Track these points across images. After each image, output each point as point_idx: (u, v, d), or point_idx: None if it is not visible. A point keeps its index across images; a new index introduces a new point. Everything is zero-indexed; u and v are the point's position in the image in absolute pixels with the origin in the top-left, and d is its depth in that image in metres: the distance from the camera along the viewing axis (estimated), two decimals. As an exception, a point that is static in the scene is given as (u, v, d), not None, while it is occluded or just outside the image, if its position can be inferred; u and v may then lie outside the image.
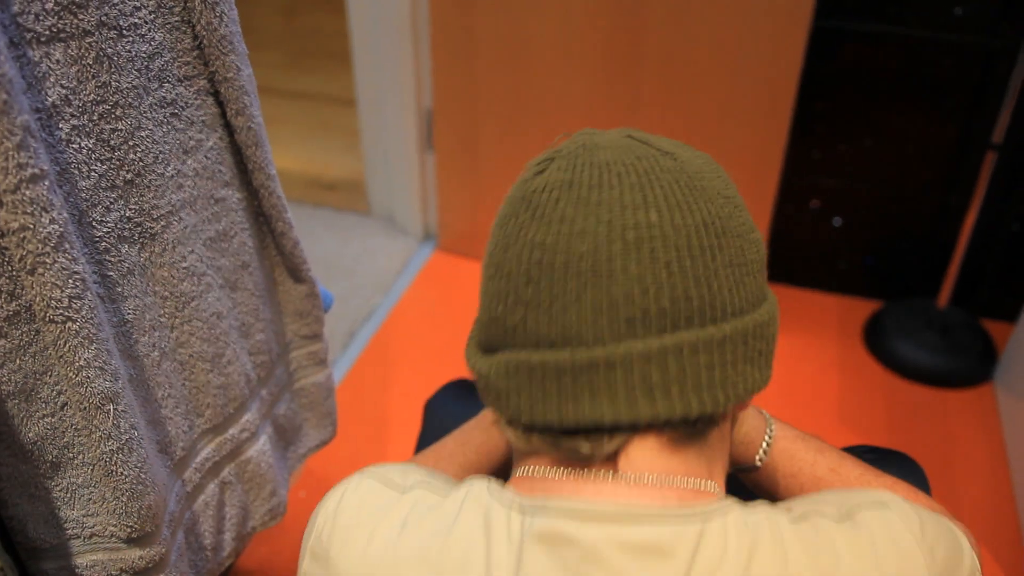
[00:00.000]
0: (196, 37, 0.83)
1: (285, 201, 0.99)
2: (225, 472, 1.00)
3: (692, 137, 1.55)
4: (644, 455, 0.56)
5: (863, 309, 2.03)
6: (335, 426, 1.24)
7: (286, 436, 1.14)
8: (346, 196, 2.46)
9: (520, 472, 0.61)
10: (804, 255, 2.05)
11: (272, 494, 1.08)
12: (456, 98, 1.97)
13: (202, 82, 0.86)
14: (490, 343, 0.60)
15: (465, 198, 2.13)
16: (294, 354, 1.13)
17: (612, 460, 0.57)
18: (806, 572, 0.53)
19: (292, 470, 1.18)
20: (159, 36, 0.80)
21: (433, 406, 1.03)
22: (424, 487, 0.63)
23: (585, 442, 0.56)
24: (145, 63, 0.78)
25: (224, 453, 0.99)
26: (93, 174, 0.75)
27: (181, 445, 0.91)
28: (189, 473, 0.94)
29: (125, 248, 0.80)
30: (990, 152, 1.66)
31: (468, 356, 0.64)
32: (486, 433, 0.85)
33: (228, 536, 1.03)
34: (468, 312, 2.03)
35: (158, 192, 0.82)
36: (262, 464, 1.05)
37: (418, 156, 2.15)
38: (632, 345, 0.53)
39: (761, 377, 0.58)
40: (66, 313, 0.69)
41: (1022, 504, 1.52)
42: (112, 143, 0.76)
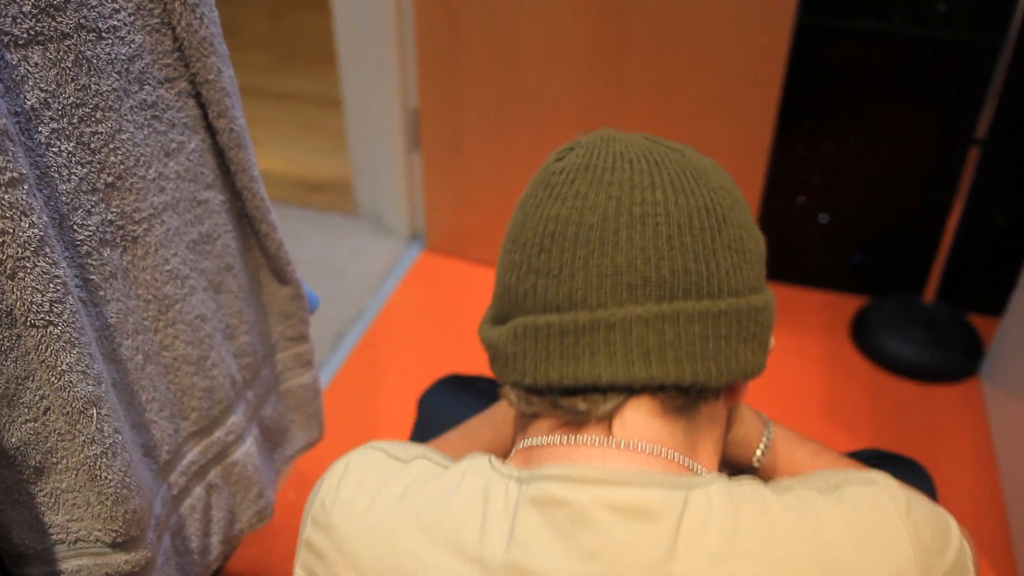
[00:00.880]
0: (176, 39, 0.83)
1: (269, 203, 0.99)
2: (211, 475, 1.00)
3: (679, 135, 1.55)
4: (637, 420, 0.59)
5: (850, 305, 2.04)
6: (322, 428, 1.24)
7: (273, 438, 1.14)
8: (333, 197, 2.45)
9: (518, 447, 0.64)
10: (791, 251, 2.05)
11: (259, 496, 1.08)
12: (442, 98, 1.97)
13: (183, 84, 0.85)
14: (502, 314, 0.64)
15: (452, 198, 2.13)
16: (280, 356, 1.13)
17: (606, 424, 0.60)
18: (791, 538, 0.54)
19: (279, 472, 1.18)
20: (139, 38, 0.79)
21: (427, 400, 1.04)
22: (426, 460, 0.65)
23: (582, 402, 0.59)
24: (125, 65, 0.78)
25: (210, 456, 0.99)
26: (74, 177, 0.74)
27: (166, 448, 0.91)
28: (175, 476, 0.94)
29: (107, 251, 0.79)
30: (973, 147, 1.67)
31: (481, 331, 0.67)
32: (494, 430, 0.87)
33: (215, 539, 1.02)
34: (456, 312, 2.03)
35: (140, 195, 0.82)
36: (248, 466, 1.04)
37: (404, 156, 2.15)
38: (632, 309, 0.57)
39: (754, 360, 0.61)
40: (47, 317, 0.69)
41: (1009, 497, 1.53)
42: (92, 146, 0.76)
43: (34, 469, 0.77)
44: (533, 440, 0.63)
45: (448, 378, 1.06)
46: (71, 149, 0.73)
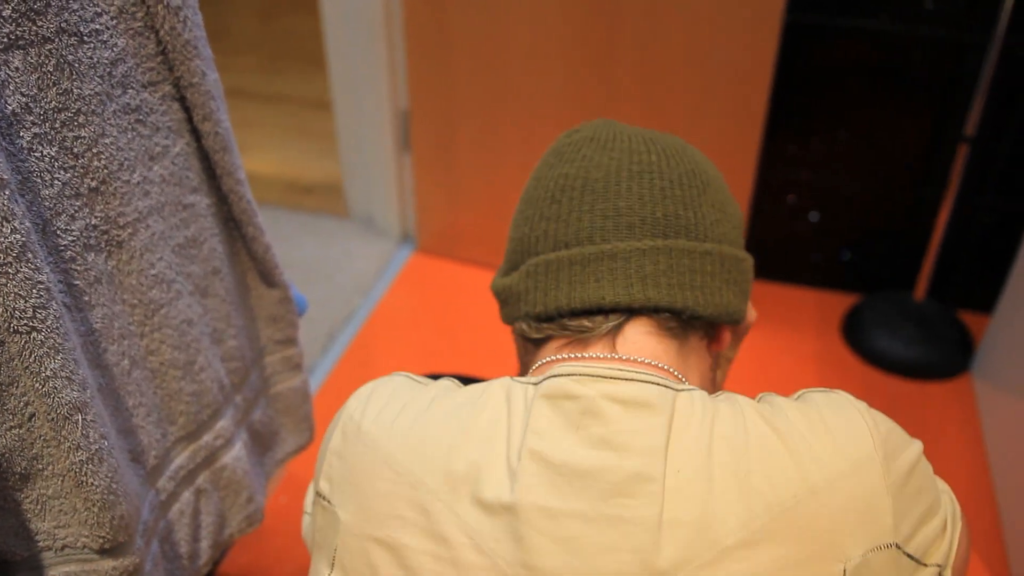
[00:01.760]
0: (160, 43, 0.82)
1: (255, 206, 0.98)
2: (200, 480, 1.00)
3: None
4: (637, 337, 0.68)
5: (841, 303, 2.04)
6: (312, 431, 1.23)
7: (262, 442, 1.14)
8: (323, 199, 2.45)
9: (531, 370, 0.72)
10: (782, 250, 2.06)
11: (249, 500, 1.07)
12: (432, 98, 1.97)
13: (167, 87, 0.85)
14: (514, 264, 0.74)
15: (443, 199, 2.12)
16: (268, 359, 1.12)
17: (610, 340, 0.68)
18: (760, 430, 0.60)
19: (269, 476, 1.17)
20: (121, 42, 0.79)
21: None
22: (450, 380, 0.71)
23: (588, 321, 0.68)
24: (107, 69, 0.77)
25: (199, 461, 0.99)
26: (56, 182, 0.74)
27: (154, 453, 0.91)
28: (163, 481, 0.94)
29: (91, 256, 0.79)
30: (962, 145, 1.68)
31: (493, 285, 0.77)
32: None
33: (204, 544, 1.02)
34: (448, 312, 2.02)
35: (124, 199, 0.81)
36: (238, 471, 1.04)
37: (395, 157, 2.15)
38: (631, 243, 0.68)
39: (736, 304, 0.71)
40: (31, 323, 0.68)
41: (1001, 493, 1.53)
42: (75, 151, 0.75)
43: (19, 476, 0.77)
44: (544, 359, 0.70)
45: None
46: (53, 154, 0.73)
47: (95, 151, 0.77)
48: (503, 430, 0.62)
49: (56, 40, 0.71)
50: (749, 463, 0.58)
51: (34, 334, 0.69)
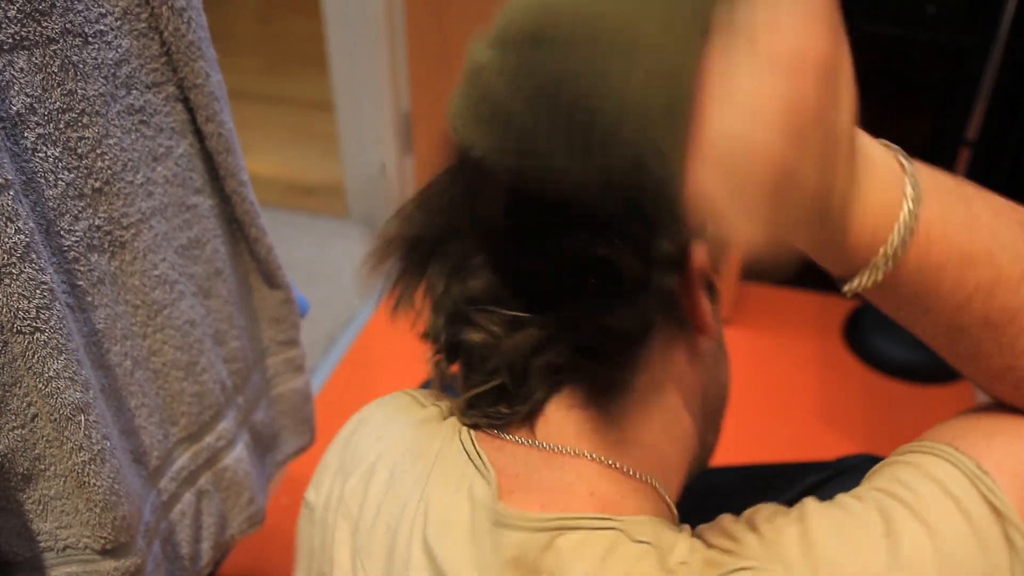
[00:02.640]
0: (164, 43, 0.82)
1: (258, 207, 0.98)
2: (202, 481, 1.00)
3: (669, 137, 1.55)
4: (558, 416, 0.54)
5: (842, 306, 2.04)
6: (313, 432, 1.23)
7: (264, 443, 1.14)
8: (325, 201, 2.45)
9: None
10: (783, 253, 2.05)
11: (250, 502, 1.07)
12: (434, 100, 1.97)
13: (171, 88, 0.85)
14: None
15: (444, 201, 2.12)
16: (270, 361, 1.12)
17: (530, 421, 0.56)
18: None
19: (270, 477, 1.17)
20: (126, 43, 0.79)
21: None
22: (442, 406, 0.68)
23: (505, 408, 0.57)
24: (112, 70, 0.78)
25: (200, 462, 0.99)
26: (60, 183, 0.74)
27: (156, 454, 0.91)
28: (165, 482, 0.94)
29: (95, 257, 0.79)
30: (964, 148, 1.68)
31: None
32: None
33: (206, 545, 1.02)
34: (449, 315, 2.02)
35: (127, 200, 0.81)
36: (239, 472, 1.04)
37: (397, 159, 2.15)
38: None
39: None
40: (34, 324, 0.68)
41: (1001, 498, 1.53)
42: (79, 151, 0.75)
43: (22, 476, 0.77)
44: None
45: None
46: (57, 154, 0.73)
47: (99, 152, 0.77)
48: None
49: (61, 41, 0.71)
50: None
51: (37, 335, 0.69)
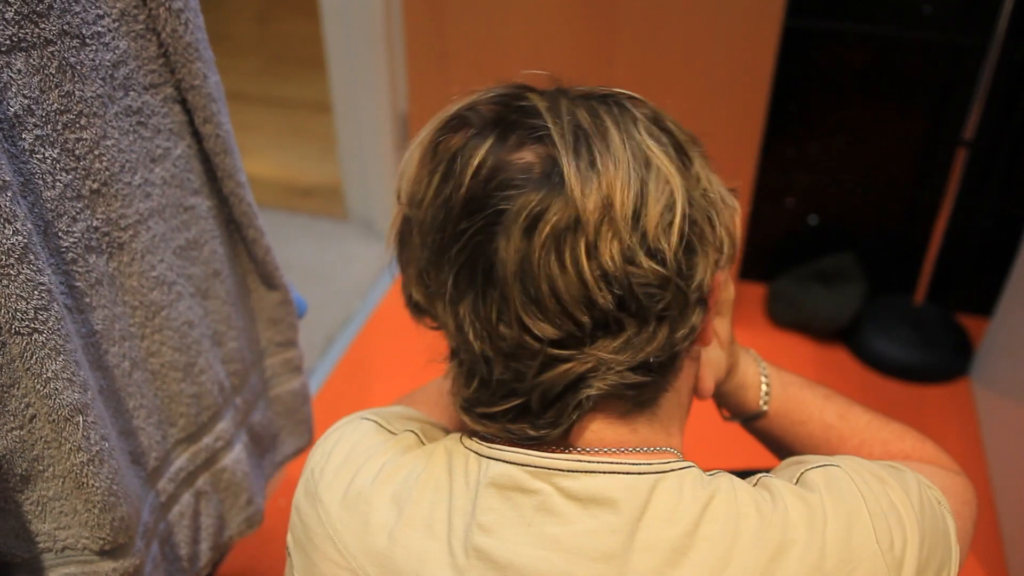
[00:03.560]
0: (161, 45, 0.82)
1: (256, 208, 0.98)
2: (200, 482, 1.00)
3: (666, 138, 1.55)
4: (596, 428, 0.59)
5: (840, 306, 2.04)
6: (311, 433, 1.23)
7: (262, 444, 1.14)
8: (322, 202, 2.45)
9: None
10: (781, 253, 2.06)
11: (248, 503, 1.07)
12: (431, 101, 1.96)
13: (168, 90, 0.85)
14: None
15: (442, 202, 2.12)
16: (269, 362, 1.12)
17: (566, 437, 0.59)
18: (753, 527, 0.54)
19: (269, 478, 1.17)
20: (123, 44, 0.79)
21: None
22: (412, 433, 0.66)
23: (531, 429, 0.58)
24: (109, 71, 0.78)
25: (199, 463, 0.99)
26: (58, 184, 0.74)
27: (154, 455, 0.91)
28: (163, 483, 0.94)
29: (93, 258, 0.79)
30: (961, 148, 1.68)
31: None
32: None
33: (204, 546, 1.02)
34: (447, 316, 2.02)
35: (125, 201, 0.81)
36: (238, 473, 1.04)
37: (394, 160, 2.15)
38: None
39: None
40: (32, 325, 0.68)
41: (1000, 497, 1.53)
42: (77, 153, 0.75)
43: (20, 477, 0.77)
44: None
45: None
46: (55, 156, 0.73)
47: (97, 153, 0.77)
48: (443, 512, 0.58)
49: (58, 42, 0.71)
50: (731, 570, 0.53)
51: (35, 336, 0.69)
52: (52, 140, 0.73)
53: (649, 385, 0.58)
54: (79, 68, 0.74)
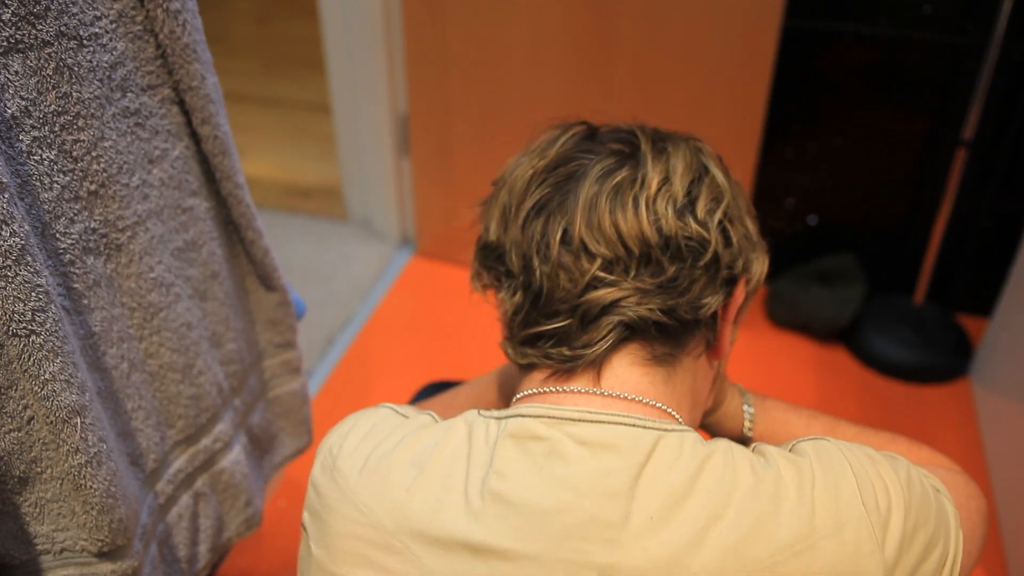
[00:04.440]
0: (159, 46, 0.82)
1: (254, 209, 0.98)
2: (199, 483, 1.00)
3: (665, 138, 1.55)
4: (622, 370, 0.66)
5: (840, 306, 2.04)
6: (311, 434, 1.23)
7: (261, 445, 1.14)
8: (322, 203, 2.45)
9: (513, 400, 0.70)
10: (781, 253, 2.06)
11: (247, 504, 1.07)
12: (431, 102, 1.97)
13: (166, 91, 0.85)
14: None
15: (442, 202, 2.12)
16: (267, 363, 1.12)
17: (595, 372, 0.66)
18: (747, 483, 0.59)
19: (268, 479, 1.17)
20: (121, 46, 0.79)
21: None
22: (430, 417, 0.70)
23: (568, 350, 0.65)
24: (107, 73, 0.78)
25: (197, 464, 0.99)
26: (56, 186, 0.74)
27: (153, 457, 0.91)
28: (162, 485, 0.94)
29: (91, 260, 0.79)
30: (960, 148, 1.68)
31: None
32: (498, 394, 0.90)
33: (203, 547, 1.02)
34: (447, 317, 2.02)
35: (123, 203, 0.81)
36: (236, 474, 1.04)
37: (394, 161, 2.15)
38: None
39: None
40: (30, 326, 0.68)
41: (1000, 497, 1.53)
42: (74, 154, 0.75)
43: (18, 479, 0.77)
44: (526, 391, 0.68)
45: (432, 385, 1.06)
46: (53, 157, 0.73)
47: (94, 154, 0.77)
48: (462, 468, 0.62)
49: (56, 44, 0.71)
50: (728, 517, 0.57)
51: (33, 337, 0.69)
52: (50, 141, 0.73)
53: (671, 333, 0.66)
54: (76, 69, 0.74)
